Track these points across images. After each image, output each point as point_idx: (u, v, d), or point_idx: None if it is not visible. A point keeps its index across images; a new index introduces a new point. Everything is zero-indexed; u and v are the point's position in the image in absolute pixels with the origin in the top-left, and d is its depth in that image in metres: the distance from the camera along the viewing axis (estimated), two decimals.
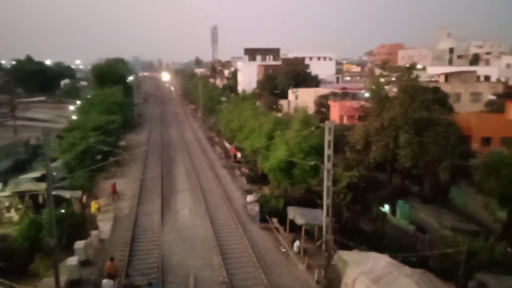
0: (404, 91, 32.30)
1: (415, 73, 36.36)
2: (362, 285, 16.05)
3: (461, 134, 32.85)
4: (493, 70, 73.63)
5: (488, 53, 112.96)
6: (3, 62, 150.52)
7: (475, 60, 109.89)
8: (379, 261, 16.92)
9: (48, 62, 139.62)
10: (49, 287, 18.10)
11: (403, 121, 30.23)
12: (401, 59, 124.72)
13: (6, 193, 29.45)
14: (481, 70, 70.51)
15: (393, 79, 35.59)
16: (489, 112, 45.55)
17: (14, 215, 28.83)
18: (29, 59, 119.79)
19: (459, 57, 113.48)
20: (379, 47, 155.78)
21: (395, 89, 34.20)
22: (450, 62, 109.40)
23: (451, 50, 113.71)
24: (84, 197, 31.21)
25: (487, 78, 65.69)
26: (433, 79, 60.92)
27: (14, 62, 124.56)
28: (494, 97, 52.25)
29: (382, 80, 36.30)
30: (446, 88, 49.49)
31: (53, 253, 18.33)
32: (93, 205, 30.02)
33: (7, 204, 29.38)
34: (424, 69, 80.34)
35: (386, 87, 34.86)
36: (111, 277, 18.49)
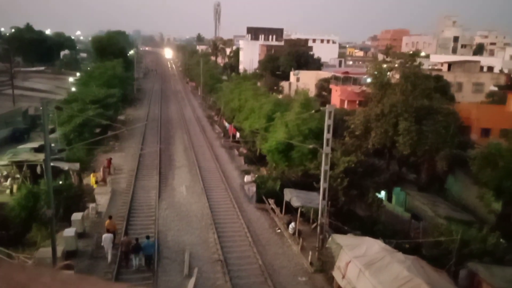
0: (406, 78, 32.16)
1: (418, 60, 36.17)
2: (354, 268, 16.30)
3: (461, 124, 32.90)
4: (496, 61, 73.22)
5: (492, 44, 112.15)
6: (2, 29, 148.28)
7: (479, 50, 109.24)
8: (373, 246, 17.16)
9: (48, 31, 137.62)
10: (46, 257, 18.26)
11: (404, 108, 30.17)
12: (405, 45, 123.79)
13: (4, 162, 29.46)
14: (484, 60, 70.13)
15: (396, 65, 35.39)
16: (490, 103, 45.52)
17: (11, 184, 28.92)
18: (28, 28, 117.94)
19: (463, 46, 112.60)
20: (383, 32, 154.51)
21: (397, 76, 34.02)
22: (454, 51, 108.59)
23: (456, 39, 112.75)
24: (102, 169, 31.39)
25: (490, 68, 65.41)
26: (436, 67, 60.54)
27: (13, 30, 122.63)
28: (496, 88, 52.15)
29: (384, 66, 36.09)
30: (448, 77, 49.30)
31: (50, 224, 18.45)
32: (92, 178, 30.10)
33: (4, 173, 29.45)
34: (427, 56, 79.81)
35: (388, 73, 34.68)
36: (110, 233, 20.21)
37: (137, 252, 19.17)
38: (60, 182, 25.85)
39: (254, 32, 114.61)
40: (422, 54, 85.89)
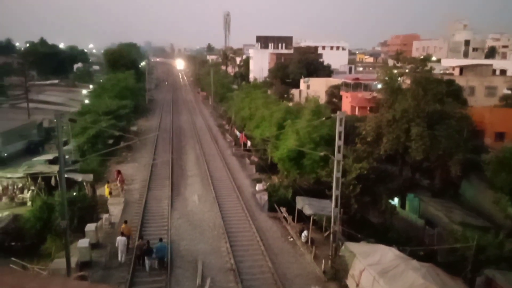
0: (418, 83, 31.91)
1: (429, 65, 35.93)
2: (368, 276, 16.12)
3: (474, 128, 32.47)
4: (509, 64, 72.15)
5: (505, 46, 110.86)
6: (17, 44, 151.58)
7: (491, 53, 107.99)
8: (387, 254, 16.98)
9: (61, 45, 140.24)
10: (60, 268, 18.43)
11: (416, 113, 29.93)
12: (416, 50, 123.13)
13: (20, 174, 29.95)
14: (497, 63, 69.18)
15: (407, 70, 35.19)
16: (503, 106, 44.83)
17: (27, 196, 29.36)
18: (42, 42, 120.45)
19: (475, 49, 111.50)
20: (393, 37, 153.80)
21: (408, 81, 33.81)
22: (466, 55, 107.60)
23: (467, 43, 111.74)
24: (120, 176, 32.02)
25: (503, 72, 64.44)
26: (447, 72, 60.00)
27: (28, 45, 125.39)
28: (509, 92, 51.39)
29: (395, 71, 35.90)
30: (460, 81, 48.72)
31: (64, 235, 18.63)
32: (106, 189, 30.35)
33: (20, 185, 29.92)
34: (438, 61, 79.21)
35: (399, 78, 34.49)
36: (124, 236, 21.16)
37: (149, 254, 19.96)
38: (74, 194, 26.16)
39: (264, 41, 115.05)
40: (433, 58, 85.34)
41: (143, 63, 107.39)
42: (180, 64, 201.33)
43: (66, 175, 19.62)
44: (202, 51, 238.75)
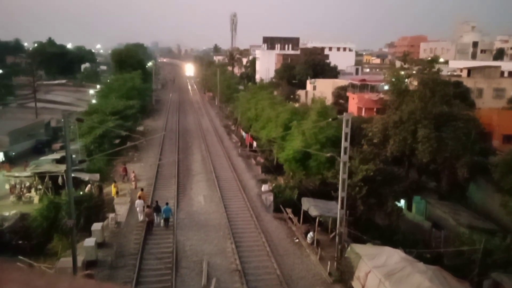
0: (425, 84, 31.75)
1: (436, 66, 35.76)
2: (374, 279, 16.05)
3: (482, 131, 32.23)
4: None
5: None
6: (25, 44, 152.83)
7: (499, 55, 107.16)
8: (393, 256, 16.89)
9: (69, 45, 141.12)
10: (67, 267, 18.52)
11: (423, 115, 29.77)
12: (423, 51, 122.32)
13: (27, 173, 30.18)
14: (505, 65, 68.63)
15: (414, 72, 35.04)
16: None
17: (34, 195, 29.57)
18: (50, 42, 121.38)
19: (483, 51, 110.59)
20: (400, 39, 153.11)
21: (415, 83, 33.66)
22: (474, 57, 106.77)
23: (475, 44, 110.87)
24: (133, 174, 33.69)
25: (511, 74, 63.98)
26: (455, 73, 59.62)
27: (36, 45, 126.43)
28: None
29: (402, 72, 35.78)
30: (468, 83, 48.44)
31: (71, 234, 18.73)
32: (112, 189, 30.50)
33: (27, 184, 30.15)
34: (446, 62, 78.66)
35: (406, 80, 34.35)
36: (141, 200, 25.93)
37: (158, 212, 24.64)
38: (81, 193, 26.32)
39: (270, 42, 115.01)
40: (441, 60, 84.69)
41: (150, 64, 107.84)
42: (189, 69, 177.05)
43: (73, 175, 19.75)
44: (209, 51, 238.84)
